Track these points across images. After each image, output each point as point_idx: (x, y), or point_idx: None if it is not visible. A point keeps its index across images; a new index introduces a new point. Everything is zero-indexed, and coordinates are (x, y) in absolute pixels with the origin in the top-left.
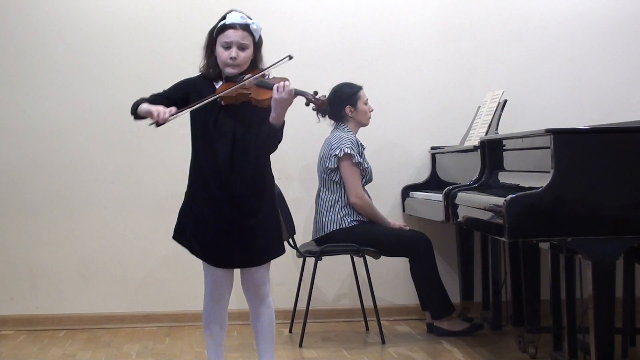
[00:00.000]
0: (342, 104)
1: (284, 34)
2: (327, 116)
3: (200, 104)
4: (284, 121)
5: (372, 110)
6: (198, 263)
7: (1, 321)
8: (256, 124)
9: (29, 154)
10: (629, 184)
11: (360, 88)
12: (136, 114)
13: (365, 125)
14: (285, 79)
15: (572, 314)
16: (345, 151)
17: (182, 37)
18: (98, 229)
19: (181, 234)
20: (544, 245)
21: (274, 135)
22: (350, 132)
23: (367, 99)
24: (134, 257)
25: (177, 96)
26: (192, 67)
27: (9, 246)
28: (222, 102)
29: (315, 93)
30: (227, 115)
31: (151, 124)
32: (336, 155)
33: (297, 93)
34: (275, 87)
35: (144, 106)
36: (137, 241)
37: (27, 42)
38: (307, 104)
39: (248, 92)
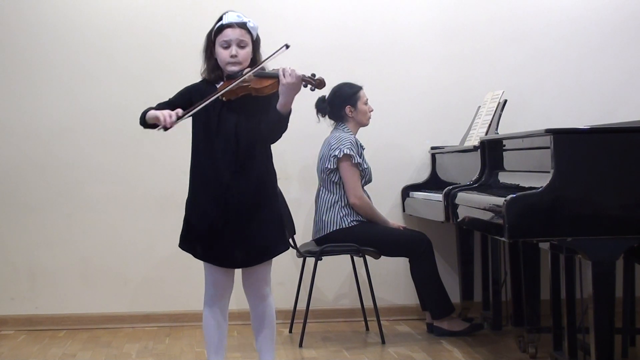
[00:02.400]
0: (342, 104)
1: (284, 34)
2: (327, 116)
3: (204, 103)
4: (290, 109)
5: (372, 111)
6: (198, 263)
7: (1, 321)
8: (258, 115)
9: (29, 153)
10: (629, 184)
11: (360, 88)
12: (145, 122)
13: (365, 125)
14: (283, 68)
15: (572, 314)
16: (345, 152)
17: (180, 37)
18: (98, 229)
19: (185, 241)
20: (544, 245)
21: (280, 123)
22: (350, 133)
23: (367, 99)
24: (134, 257)
25: (182, 102)
26: (190, 67)
27: (9, 246)
28: (224, 98)
29: (313, 75)
30: (229, 111)
31: (159, 129)
32: (335, 155)
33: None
34: (281, 71)
35: (151, 113)
36: (137, 241)
37: (26, 42)
38: (305, 86)
39: (247, 83)
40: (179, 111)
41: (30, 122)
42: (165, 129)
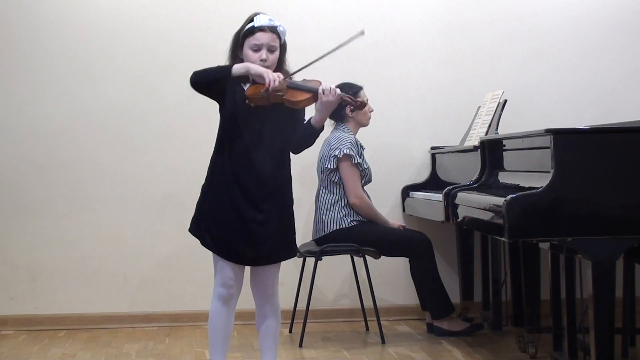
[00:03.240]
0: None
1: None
2: None
3: (299, 70)
4: (323, 125)
5: (372, 111)
6: (198, 263)
7: (1, 321)
8: (284, 124)
9: (29, 154)
10: (629, 184)
11: (360, 88)
12: (228, 74)
13: (365, 125)
14: (318, 82)
15: (572, 314)
16: (345, 152)
17: (180, 37)
18: (98, 229)
19: (196, 227)
20: (544, 245)
21: (313, 137)
22: (350, 133)
23: (368, 99)
24: (134, 257)
25: (223, 82)
26: (190, 67)
27: (9, 246)
28: (252, 104)
29: (354, 95)
30: (256, 115)
31: (264, 90)
32: (335, 155)
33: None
34: (321, 90)
35: (254, 67)
36: (137, 241)
37: (26, 42)
38: (345, 105)
39: (280, 93)
40: (281, 75)
41: (30, 122)
42: (266, 91)
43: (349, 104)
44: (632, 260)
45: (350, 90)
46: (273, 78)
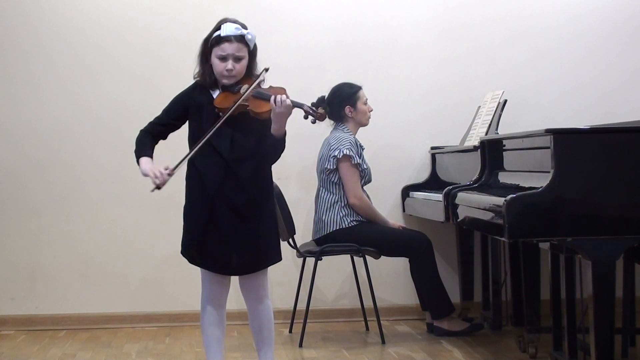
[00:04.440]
0: (341, 104)
1: (284, 34)
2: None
3: (200, 143)
4: (285, 131)
5: (371, 111)
6: None
7: (1, 321)
8: (254, 131)
9: (29, 153)
10: (629, 184)
11: (359, 88)
12: (137, 160)
13: (364, 125)
14: (282, 89)
15: (572, 314)
16: (344, 152)
17: (181, 37)
18: (98, 229)
19: (184, 248)
20: (544, 245)
21: (277, 146)
22: (350, 133)
23: (367, 99)
24: (134, 257)
25: (177, 115)
26: (190, 67)
27: (9, 246)
28: (221, 113)
29: (313, 105)
30: (225, 126)
31: (153, 190)
32: (335, 156)
33: (295, 105)
34: (272, 100)
35: (143, 167)
36: (137, 241)
37: (26, 42)
38: (306, 117)
39: (246, 104)
40: (169, 167)
41: (30, 122)
42: (159, 188)
43: (310, 115)
44: (632, 260)
45: (350, 89)
46: (158, 175)
